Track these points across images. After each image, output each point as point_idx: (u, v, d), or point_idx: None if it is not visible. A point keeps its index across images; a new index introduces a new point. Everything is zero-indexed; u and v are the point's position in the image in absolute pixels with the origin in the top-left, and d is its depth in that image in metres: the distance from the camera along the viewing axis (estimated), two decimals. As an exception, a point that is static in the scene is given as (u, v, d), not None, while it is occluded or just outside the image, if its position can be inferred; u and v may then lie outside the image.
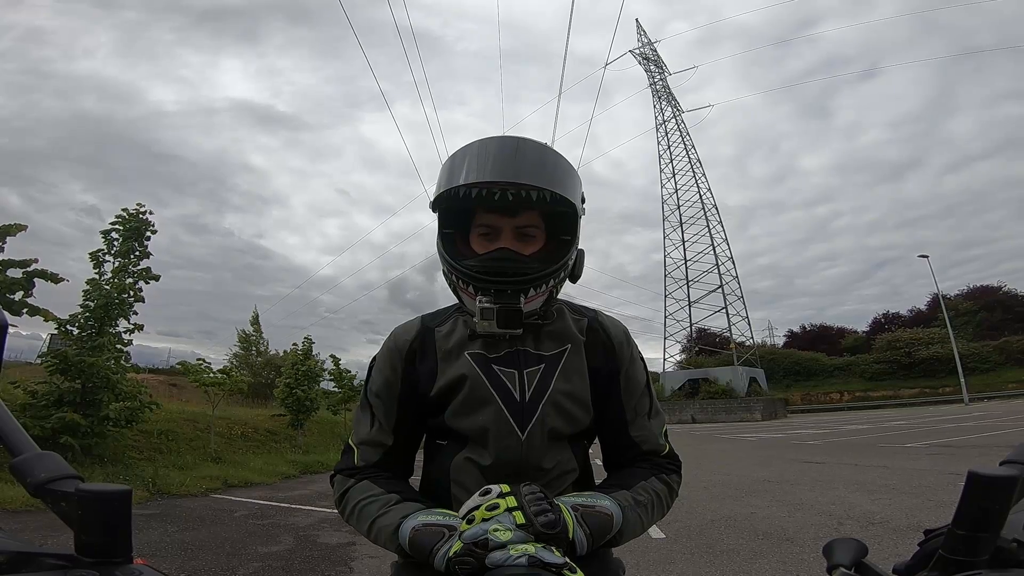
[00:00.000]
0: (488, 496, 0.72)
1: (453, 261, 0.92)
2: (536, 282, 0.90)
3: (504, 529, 0.68)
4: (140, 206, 9.64)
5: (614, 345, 1.00)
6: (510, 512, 0.70)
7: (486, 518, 0.69)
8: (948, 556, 0.47)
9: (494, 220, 0.93)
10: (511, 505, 0.70)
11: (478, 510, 0.71)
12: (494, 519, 0.69)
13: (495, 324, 0.88)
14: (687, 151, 48.19)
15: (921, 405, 33.01)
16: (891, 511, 5.21)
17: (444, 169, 0.93)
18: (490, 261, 0.91)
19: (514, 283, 0.89)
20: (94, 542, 0.43)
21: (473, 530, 0.69)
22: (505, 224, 0.92)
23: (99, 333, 8.75)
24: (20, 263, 6.96)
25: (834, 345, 47.93)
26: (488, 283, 0.89)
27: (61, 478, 0.47)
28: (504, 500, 0.71)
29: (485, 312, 0.87)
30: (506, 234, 0.93)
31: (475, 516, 0.70)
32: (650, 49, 50.48)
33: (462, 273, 0.91)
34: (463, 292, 0.93)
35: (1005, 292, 44.09)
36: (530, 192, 0.88)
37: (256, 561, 4.39)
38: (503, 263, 0.90)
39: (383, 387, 0.97)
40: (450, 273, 0.93)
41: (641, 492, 0.89)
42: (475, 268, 0.90)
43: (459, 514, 0.74)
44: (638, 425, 0.98)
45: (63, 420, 7.73)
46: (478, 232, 0.94)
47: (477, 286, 0.89)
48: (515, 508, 0.70)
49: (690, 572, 3.86)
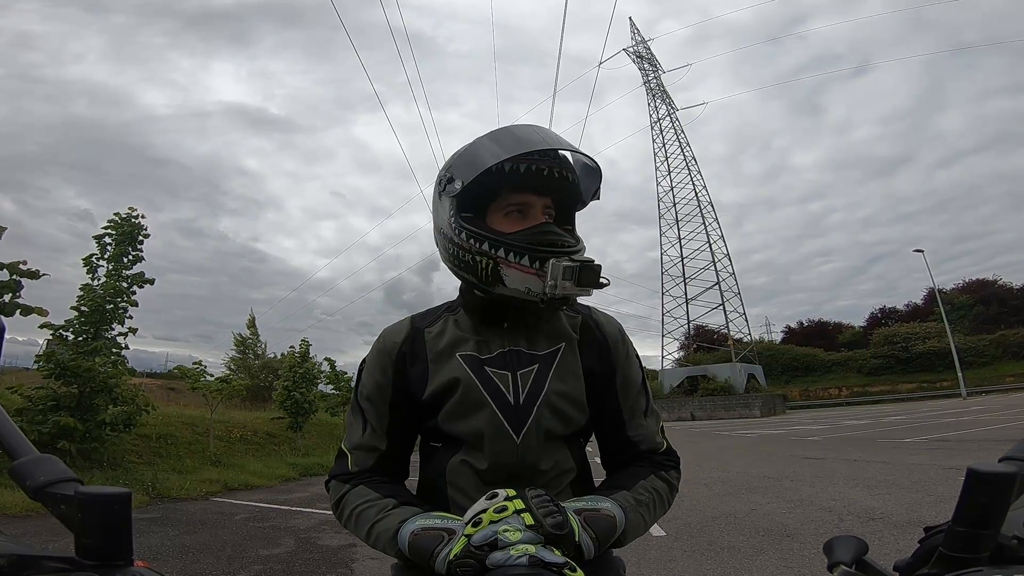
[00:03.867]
0: (495, 499, 0.72)
1: (496, 237, 0.89)
2: (580, 254, 0.91)
3: (514, 530, 0.68)
4: (132, 210, 9.58)
5: (609, 343, 0.99)
6: (518, 514, 0.70)
7: (495, 520, 0.69)
8: (948, 553, 0.47)
9: (528, 198, 0.92)
10: (519, 507, 0.70)
11: (486, 513, 0.71)
12: (503, 521, 0.69)
13: (574, 284, 0.86)
14: (682, 149, 48.21)
15: (919, 400, 33.16)
16: (891, 506, 5.22)
17: (467, 154, 0.92)
18: (541, 234, 0.91)
19: (567, 253, 0.89)
20: (94, 545, 0.42)
21: (483, 532, 0.68)
22: (537, 202, 0.93)
23: (94, 337, 8.71)
24: (9, 266, 6.91)
25: (831, 340, 48.11)
26: (546, 252, 0.88)
27: (61, 481, 0.46)
28: (512, 503, 0.71)
29: (567, 271, 0.85)
30: (538, 211, 0.93)
31: (483, 519, 0.70)
32: (644, 47, 50.46)
33: (517, 247, 0.87)
34: (513, 267, 0.87)
35: (1000, 285, 44.33)
36: (565, 172, 0.93)
37: (257, 564, 4.38)
38: (553, 235, 0.91)
39: (374, 390, 0.96)
40: (493, 249, 0.88)
41: (642, 492, 0.89)
42: (530, 239, 0.89)
43: (464, 518, 0.74)
44: (635, 424, 0.98)
45: (60, 425, 7.70)
46: (503, 212, 0.93)
47: (535, 255, 0.87)
48: (523, 510, 0.70)
49: (691, 569, 3.87)
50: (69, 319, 8.67)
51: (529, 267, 0.87)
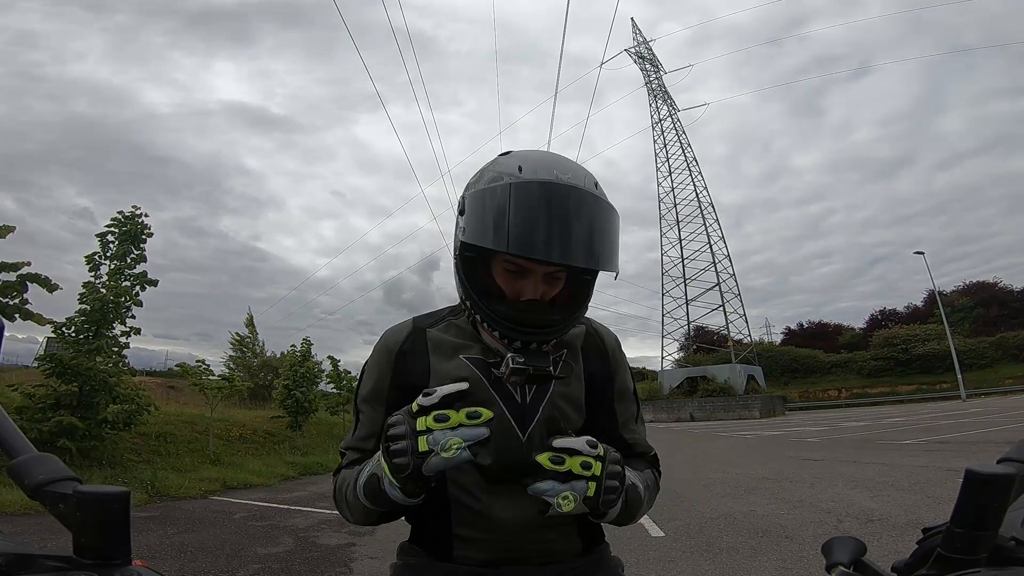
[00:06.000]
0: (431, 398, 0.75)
1: (480, 301, 0.89)
2: (561, 333, 0.91)
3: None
4: (136, 208, 9.59)
5: (608, 352, 1.03)
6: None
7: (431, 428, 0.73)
8: (947, 554, 0.47)
9: (527, 264, 0.88)
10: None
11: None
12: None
13: (522, 380, 0.86)
14: (683, 149, 48.21)
15: (918, 401, 33.13)
16: (890, 508, 5.22)
17: (484, 201, 0.84)
18: (521, 312, 0.88)
19: (541, 335, 0.88)
20: (93, 544, 0.42)
21: (542, 486, 0.76)
22: (538, 269, 0.89)
23: (95, 336, 8.71)
24: (11, 266, 6.89)
25: (831, 342, 48.07)
26: (517, 333, 0.87)
27: (59, 480, 0.46)
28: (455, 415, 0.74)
29: (517, 371, 0.84)
30: (536, 277, 0.89)
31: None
32: (646, 48, 50.46)
33: (490, 317, 0.88)
34: (484, 331, 0.94)
35: (1001, 288, 44.32)
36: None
37: (256, 563, 4.38)
38: (532, 315, 0.88)
39: (372, 390, 0.97)
40: (473, 310, 0.90)
41: (648, 478, 0.96)
42: (505, 316, 0.87)
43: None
44: (629, 429, 1.02)
45: (60, 423, 7.71)
46: (504, 267, 0.90)
47: (504, 334, 0.87)
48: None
49: (689, 570, 3.87)
50: (70, 316, 8.67)
51: (500, 339, 0.89)
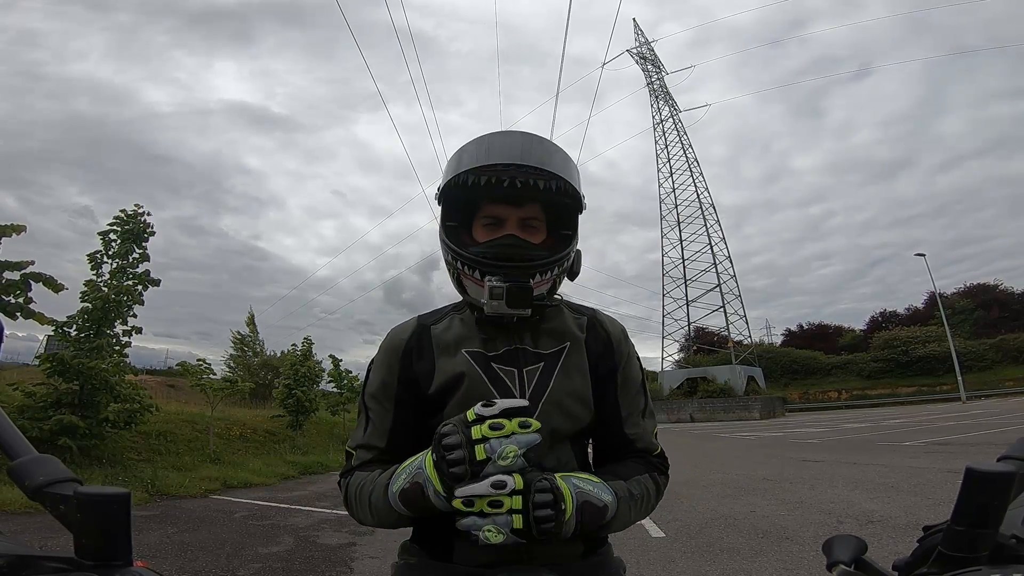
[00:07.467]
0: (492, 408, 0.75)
1: (458, 248, 0.92)
2: (543, 268, 0.90)
3: (497, 532, 0.72)
4: (138, 207, 9.57)
5: (612, 343, 1.00)
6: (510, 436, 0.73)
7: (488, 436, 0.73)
8: (947, 552, 0.47)
9: (499, 210, 0.93)
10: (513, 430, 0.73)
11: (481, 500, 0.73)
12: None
13: (504, 304, 0.87)
14: (684, 150, 48.14)
15: (919, 403, 33.05)
16: (890, 509, 5.22)
17: (452, 160, 0.93)
18: (498, 247, 0.91)
19: (521, 268, 0.89)
20: (93, 545, 0.42)
21: (466, 522, 0.73)
22: (511, 214, 0.93)
23: (97, 335, 8.71)
24: (15, 265, 6.90)
25: (831, 343, 47.98)
26: (496, 267, 0.88)
27: (59, 481, 0.46)
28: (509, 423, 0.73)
29: (494, 291, 0.86)
30: (511, 224, 0.93)
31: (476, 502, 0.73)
32: (647, 48, 50.42)
33: (468, 259, 0.90)
34: (469, 279, 0.92)
35: (1001, 290, 44.24)
36: (537, 181, 0.88)
37: (256, 562, 4.38)
38: (510, 249, 0.90)
39: (379, 389, 0.97)
40: (455, 261, 0.93)
41: (635, 486, 0.90)
42: (482, 253, 0.90)
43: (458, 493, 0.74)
44: (632, 422, 0.99)
45: (61, 422, 7.70)
46: (482, 223, 0.94)
47: (484, 270, 0.89)
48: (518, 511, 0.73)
49: (690, 571, 3.86)
50: (72, 315, 8.66)
51: (480, 280, 0.89)
